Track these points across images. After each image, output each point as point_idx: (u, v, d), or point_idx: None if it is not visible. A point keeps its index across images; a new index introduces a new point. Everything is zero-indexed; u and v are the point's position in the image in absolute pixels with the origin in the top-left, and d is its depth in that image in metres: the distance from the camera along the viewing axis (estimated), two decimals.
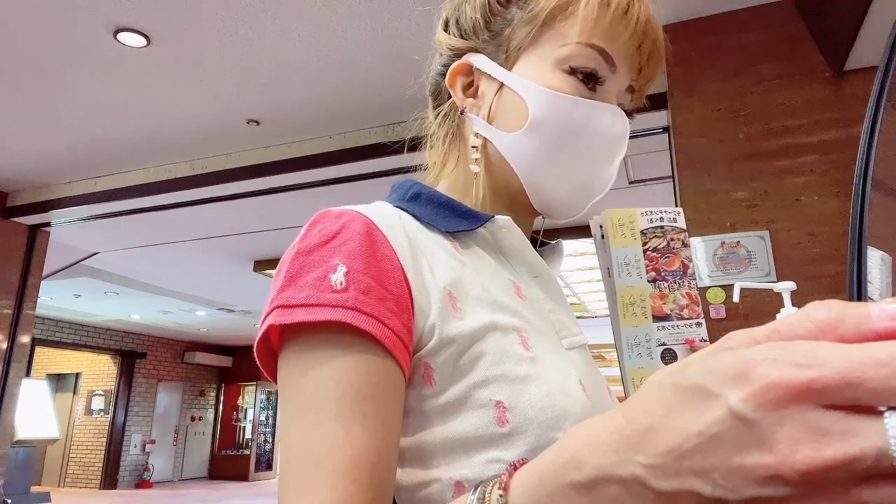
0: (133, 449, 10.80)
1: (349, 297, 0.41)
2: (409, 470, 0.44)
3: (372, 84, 3.13)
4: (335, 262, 0.43)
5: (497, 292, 0.50)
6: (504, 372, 0.45)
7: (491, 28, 0.57)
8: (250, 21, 2.64)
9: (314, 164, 3.67)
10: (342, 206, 0.49)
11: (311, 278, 0.43)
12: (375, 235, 0.46)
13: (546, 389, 0.45)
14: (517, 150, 0.54)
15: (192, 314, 9.30)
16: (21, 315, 4.41)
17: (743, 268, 2.19)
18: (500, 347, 0.46)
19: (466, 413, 0.44)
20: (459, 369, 0.45)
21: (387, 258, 0.45)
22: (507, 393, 0.44)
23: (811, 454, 0.19)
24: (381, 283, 0.43)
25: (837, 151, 2.21)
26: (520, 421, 0.43)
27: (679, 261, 0.64)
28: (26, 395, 5.74)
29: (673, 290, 0.64)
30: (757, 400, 0.21)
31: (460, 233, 0.53)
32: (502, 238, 0.54)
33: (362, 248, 0.44)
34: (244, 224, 5.03)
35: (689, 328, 0.63)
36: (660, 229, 0.65)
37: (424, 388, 0.45)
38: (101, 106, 3.32)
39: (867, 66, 2.21)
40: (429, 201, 0.54)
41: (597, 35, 0.52)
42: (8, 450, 4.45)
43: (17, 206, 4.48)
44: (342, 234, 0.45)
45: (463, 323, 0.46)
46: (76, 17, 2.60)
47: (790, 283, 0.90)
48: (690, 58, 2.51)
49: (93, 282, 6.97)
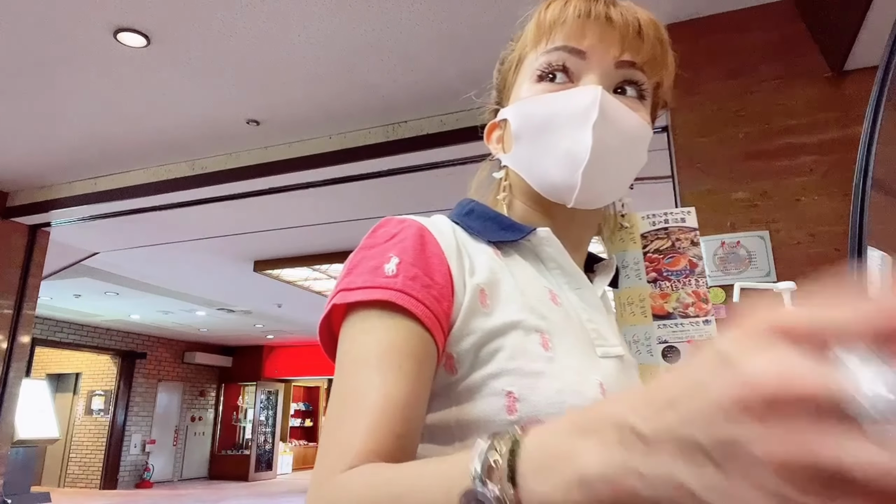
0: (133, 449, 10.80)
1: (398, 282, 0.49)
2: (428, 445, 0.49)
3: (372, 84, 3.13)
4: (390, 255, 0.51)
5: (529, 296, 0.55)
6: (519, 366, 0.49)
7: (500, 85, 0.69)
8: (250, 21, 2.64)
9: (314, 164, 3.67)
10: (404, 216, 0.57)
11: (369, 267, 0.51)
12: (427, 237, 0.53)
13: (558, 386, 0.49)
14: (517, 160, 0.63)
15: (192, 314, 9.30)
16: (21, 315, 4.41)
17: (743, 268, 2.19)
18: (519, 344, 0.50)
19: (481, 399, 0.49)
20: (479, 360, 0.50)
21: (435, 255, 0.52)
22: (518, 385, 0.48)
23: (776, 381, 0.22)
24: (428, 273, 0.50)
25: (837, 151, 2.21)
26: (528, 411, 0.47)
27: (685, 260, 0.65)
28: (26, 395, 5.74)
29: (677, 289, 0.64)
30: (739, 336, 0.24)
31: (503, 243, 0.59)
32: (543, 249, 0.60)
33: (413, 245, 0.52)
34: (244, 224, 5.03)
35: (695, 326, 0.63)
36: (663, 231, 0.65)
37: (446, 376, 0.50)
38: (102, 106, 3.32)
39: (867, 66, 2.21)
40: (479, 216, 0.62)
41: (553, 38, 0.59)
42: (8, 450, 4.45)
43: (17, 206, 4.48)
44: (399, 235, 0.53)
45: (488, 318, 0.51)
46: (76, 17, 2.60)
47: (790, 283, 0.90)
48: (690, 58, 2.51)
49: (93, 282, 6.97)
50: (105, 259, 5.99)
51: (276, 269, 6.28)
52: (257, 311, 9.09)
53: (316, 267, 6.20)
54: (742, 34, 2.46)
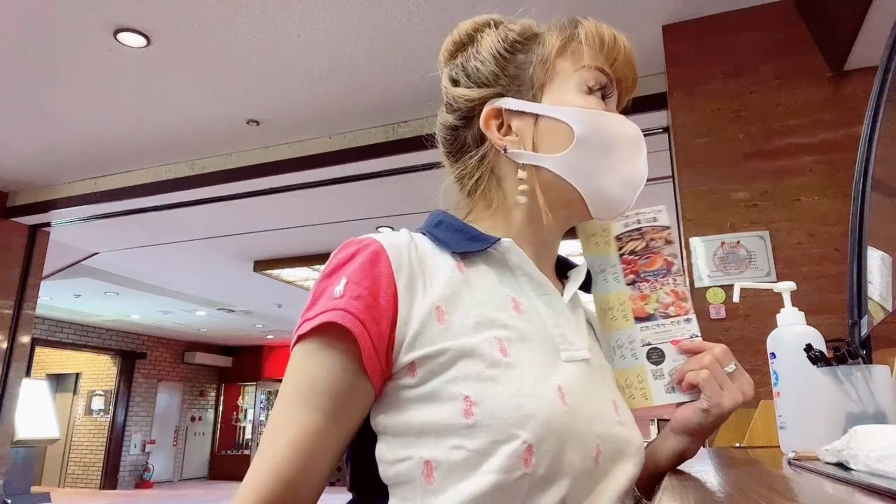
0: (133, 449, 10.80)
1: (341, 302, 0.53)
2: (389, 446, 0.53)
3: (372, 84, 3.14)
4: (342, 277, 0.55)
5: (488, 305, 0.57)
6: (477, 372, 0.52)
7: (507, 73, 0.65)
8: (250, 21, 2.64)
9: (314, 164, 3.67)
10: (365, 235, 0.59)
11: (324, 296, 0.54)
12: (381, 257, 0.55)
13: (513, 390, 0.51)
14: (570, 165, 0.62)
15: (192, 314, 9.30)
16: (21, 315, 4.41)
17: (743, 268, 2.19)
18: (477, 351, 0.53)
19: (439, 403, 0.51)
20: (439, 367, 0.52)
21: (384, 275, 0.55)
22: (475, 389, 0.51)
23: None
24: (373, 293, 0.53)
25: (837, 151, 2.21)
26: (484, 415, 0.50)
27: (661, 259, 0.65)
28: (26, 395, 5.74)
29: (655, 290, 0.64)
30: None
31: (469, 253, 0.61)
32: (509, 258, 0.62)
33: (363, 266, 0.55)
34: (244, 224, 5.03)
35: (676, 325, 0.63)
36: (637, 231, 0.66)
37: (408, 379, 0.53)
38: (101, 106, 3.33)
39: (867, 66, 2.21)
40: (447, 227, 0.63)
41: (599, 59, 0.64)
42: (8, 450, 4.45)
43: (17, 206, 4.48)
44: (355, 257, 0.56)
45: (446, 331, 0.54)
46: (76, 17, 2.60)
47: (790, 283, 0.90)
48: (690, 58, 2.51)
49: (93, 282, 6.97)
50: (105, 259, 5.99)
51: (276, 269, 6.28)
52: (257, 311, 9.09)
53: (316, 267, 6.20)
54: (742, 34, 2.46)
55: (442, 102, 0.71)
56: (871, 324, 1.20)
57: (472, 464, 0.49)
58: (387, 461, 0.53)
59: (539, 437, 0.49)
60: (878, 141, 1.29)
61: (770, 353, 0.85)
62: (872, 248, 1.29)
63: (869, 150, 1.33)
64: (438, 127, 0.72)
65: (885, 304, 1.14)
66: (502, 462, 0.48)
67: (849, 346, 0.70)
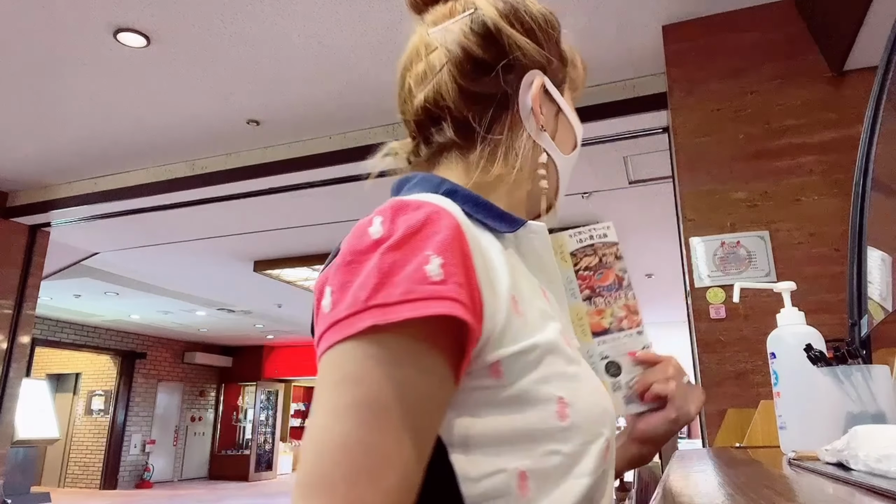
0: (133, 449, 10.80)
1: (448, 289, 0.41)
2: (473, 458, 0.44)
3: (372, 84, 3.13)
4: (427, 253, 0.42)
5: (535, 293, 0.52)
6: (561, 370, 0.48)
7: (548, 50, 0.61)
8: (250, 21, 2.64)
9: (314, 164, 3.67)
10: (415, 197, 0.47)
11: (403, 275, 0.41)
12: (459, 230, 0.44)
13: (591, 388, 0.50)
14: (567, 170, 0.63)
15: (192, 314, 9.30)
16: (21, 315, 4.41)
17: (743, 268, 2.19)
18: (558, 347, 0.49)
19: (531, 407, 0.46)
20: (528, 366, 0.46)
21: (468, 255, 0.44)
22: (566, 389, 0.47)
23: None
24: (469, 279, 0.43)
25: (837, 151, 2.21)
26: (577, 416, 0.47)
27: (612, 274, 0.66)
28: (26, 395, 5.75)
29: (610, 304, 0.65)
30: None
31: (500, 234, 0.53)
32: (527, 243, 0.55)
33: (451, 241, 0.43)
34: (244, 224, 5.03)
35: (630, 338, 0.65)
36: (590, 248, 0.66)
37: (491, 381, 0.45)
38: (102, 106, 3.32)
39: (867, 66, 2.21)
40: (467, 199, 0.52)
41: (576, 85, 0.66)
42: (8, 450, 4.45)
43: (17, 206, 4.48)
44: (435, 227, 0.43)
45: (525, 325, 0.47)
46: (76, 17, 2.60)
47: (790, 283, 0.90)
48: (690, 58, 2.51)
49: (93, 282, 6.97)
50: (105, 259, 5.99)
51: (276, 269, 6.28)
52: (257, 311, 9.08)
53: (316, 267, 6.20)
54: (742, 34, 2.46)
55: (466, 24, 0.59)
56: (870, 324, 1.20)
57: (566, 468, 0.46)
58: (472, 478, 0.44)
59: (612, 433, 0.50)
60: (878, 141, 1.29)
61: (770, 353, 0.85)
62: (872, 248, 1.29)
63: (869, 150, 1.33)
64: (452, 49, 0.59)
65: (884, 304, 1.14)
66: (592, 463, 0.47)
67: (849, 346, 0.70)
